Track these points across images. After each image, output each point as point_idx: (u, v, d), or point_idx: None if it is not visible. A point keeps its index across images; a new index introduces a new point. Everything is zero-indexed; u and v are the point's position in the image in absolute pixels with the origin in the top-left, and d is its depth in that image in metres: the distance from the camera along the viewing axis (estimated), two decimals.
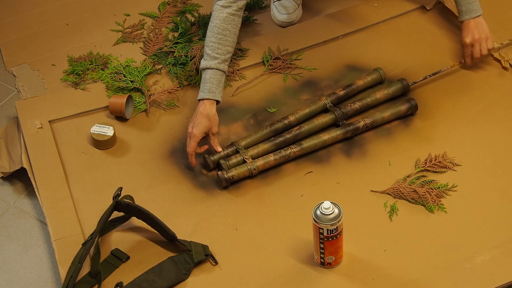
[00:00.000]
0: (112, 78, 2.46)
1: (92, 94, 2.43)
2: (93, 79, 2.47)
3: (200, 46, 2.50)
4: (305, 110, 2.31)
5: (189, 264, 1.99)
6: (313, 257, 1.99)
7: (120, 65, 2.49)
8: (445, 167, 2.17)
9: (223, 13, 2.20)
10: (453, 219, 2.06)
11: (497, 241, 1.99)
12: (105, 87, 2.44)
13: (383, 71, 2.40)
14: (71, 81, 2.48)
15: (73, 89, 2.46)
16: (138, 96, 2.42)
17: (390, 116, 2.28)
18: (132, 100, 2.37)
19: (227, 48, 2.21)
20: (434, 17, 2.61)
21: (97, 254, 2.02)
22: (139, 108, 2.39)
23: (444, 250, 1.99)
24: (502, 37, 2.49)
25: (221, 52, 2.20)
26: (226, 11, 2.21)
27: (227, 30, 2.20)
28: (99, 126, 2.28)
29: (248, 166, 2.17)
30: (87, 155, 2.28)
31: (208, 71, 2.20)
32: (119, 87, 2.43)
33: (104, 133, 2.27)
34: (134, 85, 2.43)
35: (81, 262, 1.97)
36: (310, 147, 2.22)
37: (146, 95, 2.41)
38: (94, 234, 2.02)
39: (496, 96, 2.36)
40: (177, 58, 2.50)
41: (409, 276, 1.95)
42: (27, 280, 2.07)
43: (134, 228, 2.11)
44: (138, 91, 2.43)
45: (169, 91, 2.43)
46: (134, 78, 2.45)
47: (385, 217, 2.07)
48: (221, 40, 2.20)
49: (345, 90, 2.36)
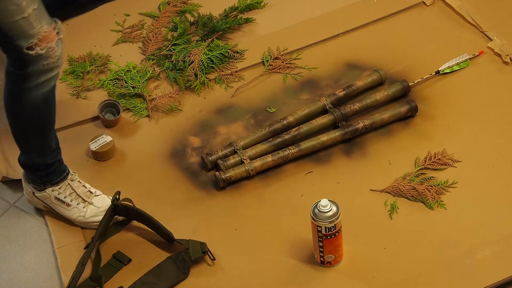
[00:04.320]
0: (114, 84, 2.46)
1: (92, 103, 2.43)
2: (95, 86, 2.48)
3: (198, 51, 2.50)
4: (304, 111, 2.31)
5: (187, 262, 1.99)
6: (313, 257, 1.99)
7: (121, 71, 2.50)
8: (444, 164, 2.16)
9: None
10: (453, 215, 2.05)
11: (498, 236, 1.98)
12: (107, 94, 2.44)
13: (384, 72, 2.39)
14: (72, 85, 2.48)
15: (74, 98, 2.46)
16: (140, 101, 2.42)
17: (390, 118, 2.27)
18: (118, 106, 2.37)
19: None
20: (434, 13, 2.60)
21: (97, 258, 2.03)
22: (141, 114, 2.40)
23: (444, 246, 1.98)
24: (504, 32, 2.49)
25: None
26: None
27: None
28: (95, 141, 2.28)
29: (245, 167, 2.17)
30: (88, 161, 2.29)
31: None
32: (120, 94, 2.43)
33: (104, 142, 2.28)
34: (135, 91, 2.44)
35: (83, 265, 1.99)
36: (309, 148, 2.22)
37: (148, 100, 2.42)
38: (94, 237, 2.04)
39: (497, 92, 2.35)
40: (175, 63, 2.50)
41: (410, 272, 1.94)
42: (27, 280, 2.08)
43: (135, 230, 2.12)
44: (139, 97, 2.44)
45: (170, 95, 2.43)
46: (135, 84, 2.45)
47: (385, 216, 2.07)
48: None
49: (345, 91, 2.35)
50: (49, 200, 2.09)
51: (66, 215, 2.11)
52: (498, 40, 2.45)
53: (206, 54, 2.50)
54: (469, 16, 2.55)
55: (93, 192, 2.12)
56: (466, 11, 2.57)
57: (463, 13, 2.56)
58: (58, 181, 2.08)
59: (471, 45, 2.46)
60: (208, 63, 2.49)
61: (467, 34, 2.52)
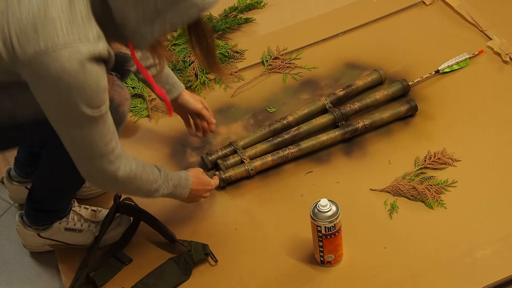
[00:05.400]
0: None
1: None
2: None
3: None
4: (304, 111, 2.31)
5: (189, 264, 2.00)
6: (313, 257, 1.99)
7: None
8: (444, 163, 2.16)
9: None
10: (453, 214, 2.05)
11: (498, 235, 1.98)
12: None
13: (384, 72, 2.39)
14: None
15: None
16: (140, 102, 2.43)
17: (390, 117, 2.27)
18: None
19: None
20: (434, 12, 2.61)
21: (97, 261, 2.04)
22: (141, 114, 2.40)
23: (444, 245, 1.98)
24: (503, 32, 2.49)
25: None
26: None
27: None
28: None
29: (245, 167, 2.17)
30: None
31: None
32: None
33: None
34: (135, 91, 2.44)
35: (88, 266, 1.99)
36: (308, 147, 2.22)
37: (148, 100, 2.42)
38: (98, 237, 2.04)
39: (497, 91, 2.35)
40: (175, 64, 2.50)
41: (410, 272, 1.94)
42: (27, 280, 2.08)
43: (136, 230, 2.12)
44: (139, 97, 2.44)
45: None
46: (135, 84, 2.45)
47: (385, 215, 2.07)
48: None
49: (345, 90, 2.35)
50: (59, 233, 2.04)
51: (79, 242, 2.05)
52: (497, 39, 2.45)
53: None
54: (469, 16, 2.55)
55: (95, 210, 2.09)
56: (466, 10, 2.57)
57: (463, 12, 2.56)
58: (66, 214, 2.04)
59: (471, 45, 2.46)
60: None
61: (466, 33, 2.52)
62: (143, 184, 1.77)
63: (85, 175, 1.69)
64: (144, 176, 1.76)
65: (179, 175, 1.91)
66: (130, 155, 1.74)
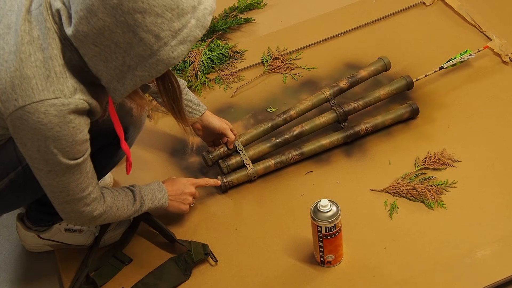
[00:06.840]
0: None
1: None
2: None
3: (198, 51, 2.50)
4: (307, 104, 2.28)
5: (189, 264, 2.00)
6: (313, 257, 1.99)
7: None
8: (444, 164, 2.16)
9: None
10: (453, 215, 2.05)
11: (498, 235, 1.98)
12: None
13: (388, 60, 2.37)
14: None
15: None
16: None
17: (392, 121, 2.27)
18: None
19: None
20: (434, 13, 2.61)
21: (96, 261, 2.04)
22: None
23: (444, 246, 1.98)
24: (503, 32, 2.49)
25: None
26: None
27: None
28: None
29: (248, 172, 2.17)
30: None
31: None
32: None
33: None
34: None
35: (87, 266, 2.00)
36: (311, 151, 2.21)
37: (148, 100, 2.41)
38: (98, 237, 2.04)
39: (496, 91, 2.35)
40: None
41: (410, 272, 1.94)
42: (27, 280, 2.08)
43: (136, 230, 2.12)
44: None
45: None
46: None
47: (385, 216, 2.07)
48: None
49: (348, 82, 2.33)
50: (59, 234, 2.05)
51: (79, 243, 2.07)
52: (497, 40, 2.46)
53: (206, 54, 2.51)
54: (469, 16, 2.55)
55: None
56: (466, 11, 2.57)
57: (463, 13, 2.57)
58: None
59: (471, 45, 2.46)
60: (209, 63, 2.49)
61: (466, 34, 2.52)
62: (119, 211, 1.86)
63: (63, 216, 1.78)
64: (120, 204, 1.85)
65: (152, 188, 1.97)
66: (103, 188, 1.83)
